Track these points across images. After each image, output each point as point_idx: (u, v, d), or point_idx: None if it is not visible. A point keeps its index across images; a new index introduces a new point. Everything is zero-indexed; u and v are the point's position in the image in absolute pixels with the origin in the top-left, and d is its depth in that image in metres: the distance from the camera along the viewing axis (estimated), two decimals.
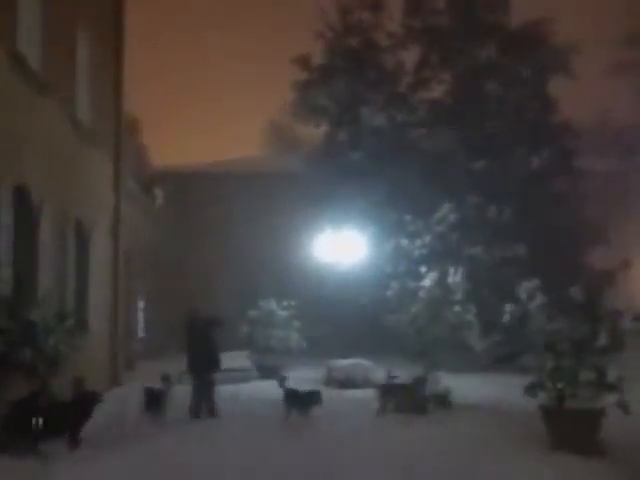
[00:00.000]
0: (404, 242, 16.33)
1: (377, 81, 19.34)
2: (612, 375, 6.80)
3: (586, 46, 17.52)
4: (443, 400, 9.19)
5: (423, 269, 12.15)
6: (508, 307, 10.67)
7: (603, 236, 16.54)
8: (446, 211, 16.11)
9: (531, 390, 7.18)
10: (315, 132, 20.82)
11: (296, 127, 24.77)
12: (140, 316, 17.80)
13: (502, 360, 11.33)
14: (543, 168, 17.40)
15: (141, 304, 17.91)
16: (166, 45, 49.74)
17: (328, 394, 9.13)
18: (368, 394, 9.78)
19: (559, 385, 6.99)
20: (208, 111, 51.74)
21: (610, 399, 6.64)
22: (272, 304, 14.56)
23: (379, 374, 10.46)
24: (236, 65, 48.69)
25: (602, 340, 7.13)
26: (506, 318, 10.59)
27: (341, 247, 15.94)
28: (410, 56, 19.41)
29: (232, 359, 11.81)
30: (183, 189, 22.75)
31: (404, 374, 9.50)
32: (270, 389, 9.93)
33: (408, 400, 8.92)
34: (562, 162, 17.32)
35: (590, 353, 7.07)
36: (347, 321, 17.26)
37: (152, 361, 14.41)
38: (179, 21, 49.24)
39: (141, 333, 17.66)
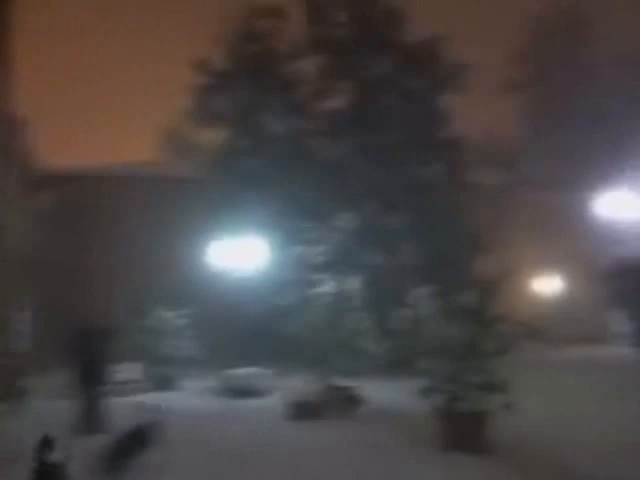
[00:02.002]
0: (303, 249, 16.45)
1: (278, 88, 19.38)
2: (499, 377, 7.16)
3: (477, 65, 18.46)
4: (344, 405, 9.30)
5: (322, 276, 12.28)
6: (403, 313, 10.99)
7: (491, 244, 17.45)
8: (345, 219, 16.41)
9: (425, 393, 7.43)
10: (215, 137, 20.53)
11: (195, 132, 24.31)
12: (26, 327, 16.69)
13: (397, 364, 11.63)
14: (436, 179, 18.11)
15: (27, 314, 16.80)
16: (65, 45, 47.38)
17: (225, 404, 8.99)
18: (267, 403, 9.73)
19: (451, 387, 7.28)
20: (106, 112, 49.70)
21: (497, 400, 6.97)
22: (167, 312, 14.15)
23: (279, 382, 10.44)
24: (136, 67, 47.18)
25: (490, 344, 7.51)
26: (401, 324, 10.90)
27: (240, 254, 15.78)
28: (311, 65, 19.61)
29: (123, 370, 11.34)
30: (76, 192, 21.63)
31: (303, 381, 9.52)
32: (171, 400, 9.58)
33: (310, 406, 8.96)
34: (453, 174, 18.12)
35: (479, 357, 7.42)
36: (246, 329, 17.09)
37: (39, 377, 13.54)
38: (75, 20, 47.06)
39: (26, 345, 16.55)
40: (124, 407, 9.87)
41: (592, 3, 23.24)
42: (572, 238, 22.27)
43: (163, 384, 12.75)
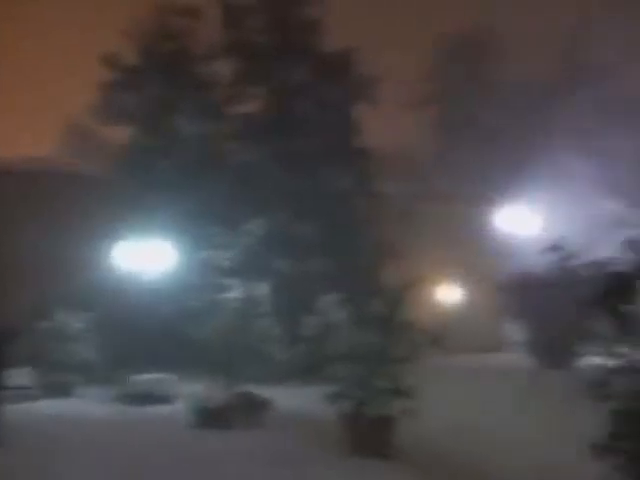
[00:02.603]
0: (212, 254, 16.14)
1: (191, 89, 18.99)
2: (404, 383, 7.28)
3: (390, 78, 18.92)
4: (251, 412, 9.15)
5: (230, 281, 12.08)
6: (312, 320, 11.00)
7: (398, 254, 17.85)
8: (255, 225, 16.29)
9: (332, 398, 7.45)
10: (122, 136, 19.78)
11: (102, 129, 23.34)
12: None
13: (306, 371, 11.60)
14: (347, 189, 18.35)
15: None
16: None
17: (126, 411, 8.61)
18: (172, 409, 9.44)
19: (358, 393, 7.33)
20: (8, 104, 46.70)
21: (402, 405, 7.08)
22: (66, 315, 13.43)
23: (184, 388, 10.16)
24: (40, 59, 44.72)
25: (397, 351, 7.64)
26: (310, 330, 10.89)
27: (146, 256, 15.26)
28: (226, 68, 19.37)
29: (12, 376, 10.59)
30: None
31: (209, 387, 9.31)
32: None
33: (216, 413, 8.76)
34: (364, 184, 18.43)
35: (386, 363, 7.52)
36: (151, 333, 16.49)
37: None
38: None
39: None
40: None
41: (502, 25, 24.46)
42: (473, 250, 23.19)
43: (58, 391, 12.04)
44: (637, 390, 3.26)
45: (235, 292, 12.25)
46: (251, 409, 9.19)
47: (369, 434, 7.09)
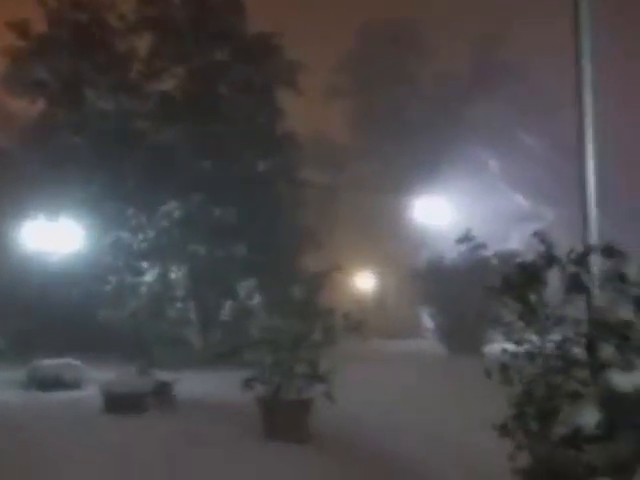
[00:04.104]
0: (125, 236, 15.65)
1: (106, 63, 18.20)
2: (322, 368, 7.36)
3: (311, 66, 18.86)
4: (164, 397, 8.99)
5: (144, 264, 11.78)
6: (229, 304, 10.91)
7: (318, 241, 17.96)
8: (171, 207, 15.92)
9: (249, 383, 7.43)
10: (31, 109, 18.73)
11: (8, 100, 22.00)
12: None
13: (223, 356, 11.50)
14: (268, 174, 18.23)
15: None
16: None
17: (31, 397, 8.25)
18: (80, 395, 9.12)
19: (276, 378, 7.35)
20: None
21: (320, 389, 7.16)
22: None
23: (94, 374, 9.84)
24: None
25: (315, 336, 7.70)
26: (227, 315, 10.81)
27: (55, 237, 14.60)
28: (143, 43, 18.70)
29: None
30: None
31: (121, 372, 9.06)
32: None
33: (127, 398, 8.54)
34: (285, 170, 18.37)
35: (304, 348, 7.58)
36: (59, 317, 15.82)
37: None
38: None
39: None
40: None
41: (422, 17, 24.89)
42: (390, 239, 23.70)
43: None
44: (538, 373, 3.43)
45: (149, 275, 11.96)
46: (164, 394, 9.02)
47: (285, 418, 7.11)
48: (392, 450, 6.71)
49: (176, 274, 11.35)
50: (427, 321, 20.19)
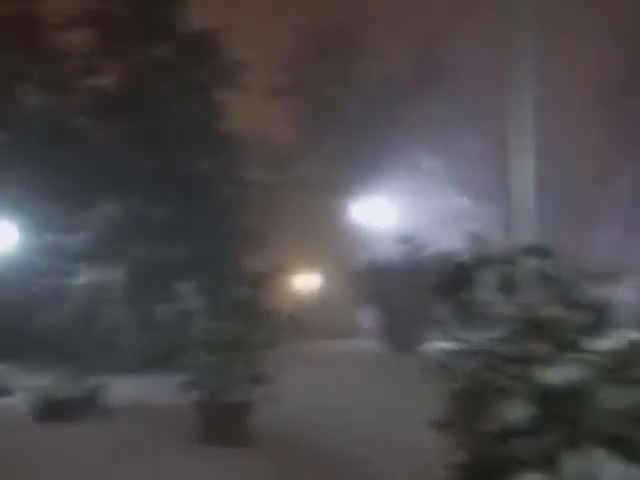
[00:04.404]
0: (60, 237, 15.13)
1: (39, 56, 17.56)
2: (263, 369, 7.31)
3: (255, 65, 18.76)
4: (98, 403, 8.74)
5: (79, 267, 11.42)
6: (167, 307, 10.67)
7: (261, 241, 17.86)
8: (108, 207, 15.52)
9: (186, 387, 7.30)
10: None
11: None
12: None
13: (161, 359, 11.27)
14: (210, 173, 18.00)
15: None
16: None
17: None
18: (9, 402, 8.76)
19: (215, 381, 7.25)
20: None
21: (261, 392, 7.11)
22: None
23: (24, 380, 9.47)
24: None
25: (256, 337, 7.64)
26: (165, 318, 10.56)
27: None
28: (80, 38, 18.15)
29: None
30: None
31: (53, 378, 8.75)
32: None
33: (59, 405, 8.25)
34: (228, 170, 18.19)
35: (244, 350, 7.51)
36: None
37: None
38: None
39: None
40: None
41: (364, 18, 25.14)
42: (332, 239, 23.83)
43: None
44: (474, 371, 3.49)
45: (84, 278, 11.58)
46: (97, 400, 8.77)
47: (224, 422, 7.03)
48: (334, 450, 6.74)
49: (113, 276, 11.01)
50: (369, 321, 20.40)
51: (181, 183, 16.94)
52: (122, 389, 10.18)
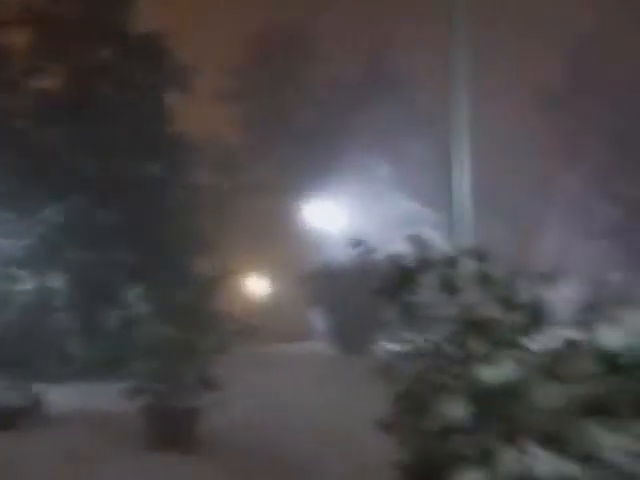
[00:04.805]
0: (0, 242, 14.66)
1: None
2: (212, 374, 7.26)
3: (204, 68, 18.59)
4: (38, 411, 8.50)
5: (21, 272, 11.09)
6: (114, 313, 10.51)
7: (211, 245, 17.70)
8: (50, 211, 15.15)
9: (132, 393, 7.19)
10: None
11: None
12: None
13: (107, 366, 11.05)
14: (157, 177, 17.76)
15: None
16: None
17: None
18: None
19: (163, 387, 7.16)
20: None
21: (210, 397, 7.06)
22: None
23: None
24: None
25: (206, 342, 7.59)
26: (111, 323, 10.40)
27: None
28: (25, 38, 17.64)
29: None
30: None
31: None
32: None
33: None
34: (176, 173, 17.96)
35: (192, 355, 7.44)
36: None
37: None
38: None
39: None
40: None
41: (315, 22, 25.26)
42: (283, 242, 23.83)
43: None
44: (418, 372, 3.58)
45: (27, 283, 11.24)
46: (37, 408, 8.53)
47: (171, 428, 6.95)
48: (285, 452, 6.76)
49: (56, 282, 10.74)
50: (321, 324, 20.47)
51: (128, 186, 16.65)
52: (67, 397, 9.94)
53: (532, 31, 22.20)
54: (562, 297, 3.52)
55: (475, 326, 3.13)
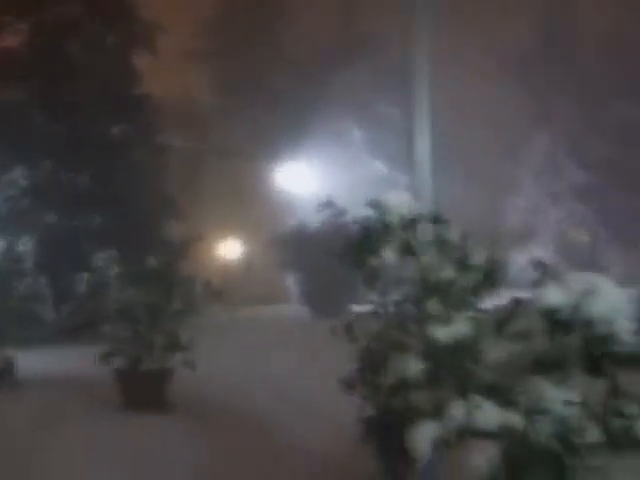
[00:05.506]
0: None
1: None
2: (183, 337, 7.35)
3: (173, 28, 18.20)
4: (8, 375, 8.55)
5: None
6: (83, 277, 10.44)
7: (181, 208, 17.61)
8: (16, 174, 14.88)
9: (105, 357, 7.27)
10: None
11: None
12: None
13: (78, 330, 11.08)
14: (125, 138, 17.49)
15: None
16: None
17: None
18: None
19: (134, 350, 7.25)
20: None
21: (180, 359, 7.16)
22: None
23: None
24: None
25: (176, 306, 7.66)
26: (81, 288, 10.35)
27: None
28: None
29: None
30: None
31: None
32: None
33: None
34: (144, 135, 17.70)
35: (163, 318, 7.52)
36: None
37: None
38: None
39: None
40: None
41: None
42: (254, 206, 23.81)
43: None
44: (378, 331, 3.72)
45: None
46: (11, 372, 8.58)
47: (143, 389, 7.06)
48: (254, 413, 6.92)
49: (25, 246, 10.66)
50: (293, 287, 20.66)
51: (95, 148, 16.39)
52: (38, 361, 9.99)
53: None
54: (529, 257, 3.64)
55: (431, 287, 3.26)
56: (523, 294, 3.01)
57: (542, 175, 25.91)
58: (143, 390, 7.11)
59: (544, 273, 2.89)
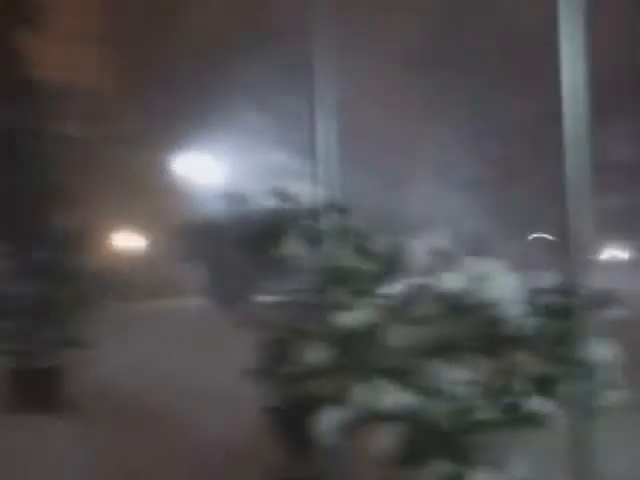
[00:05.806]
0: None
1: None
2: (77, 332, 7.03)
3: (67, 9, 17.26)
4: None
5: None
6: None
7: (73, 198, 16.79)
8: None
9: None
10: None
11: None
12: None
13: None
14: (10, 124, 16.42)
15: None
16: None
17: None
18: None
19: (21, 347, 6.87)
20: None
21: (75, 355, 6.85)
22: None
23: None
24: None
25: (68, 300, 7.31)
26: None
27: None
28: None
29: None
30: None
31: None
32: None
33: None
34: (34, 121, 16.71)
35: (54, 313, 7.15)
36: None
37: None
38: None
39: None
40: None
41: None
42: (153, 195, 23.15)
43: None
44: (282, 321, 3.72)
45: None
46: None
47: (35, 388, 6.69)
48: (155, 409, 6.74)
49: None
50: (195, 278, 20.30)
51: None
52: None
53: None
54: (428, 246, 3.75)
55: (335, 275, 3.29)
56: (423, 280, 3.10)
57: (441, 169, 26.96)
58: (35, 389, 6.75)
59: (442, 260, 2.99)
